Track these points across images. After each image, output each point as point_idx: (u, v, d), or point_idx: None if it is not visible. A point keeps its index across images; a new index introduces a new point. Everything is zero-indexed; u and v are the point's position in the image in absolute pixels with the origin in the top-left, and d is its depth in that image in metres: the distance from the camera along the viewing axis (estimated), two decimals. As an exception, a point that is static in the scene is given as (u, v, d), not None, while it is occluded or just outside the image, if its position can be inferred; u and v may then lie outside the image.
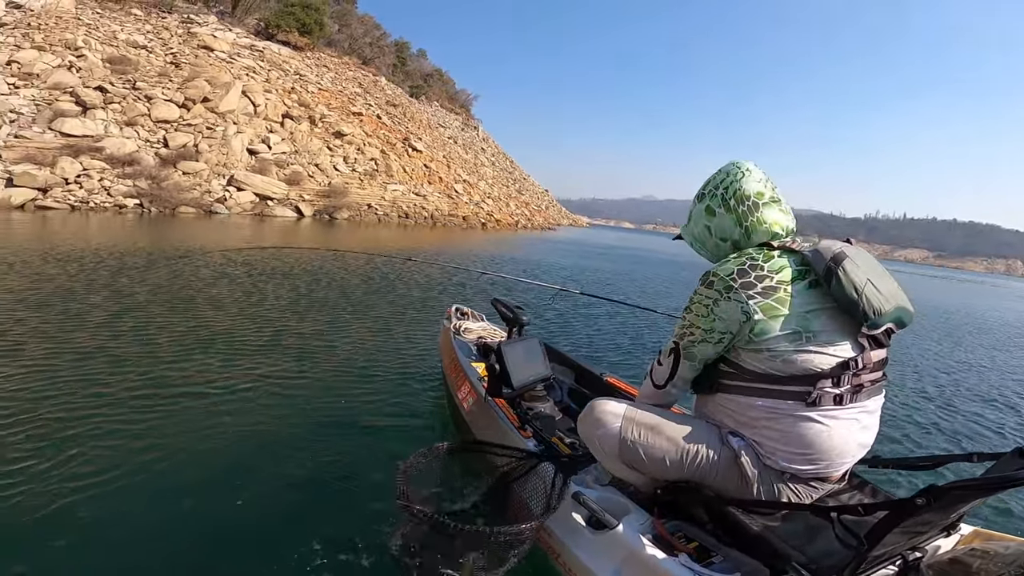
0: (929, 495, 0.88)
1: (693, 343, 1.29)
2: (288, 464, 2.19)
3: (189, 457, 2.16)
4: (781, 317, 1.16)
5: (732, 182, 1.33)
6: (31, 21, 16.94)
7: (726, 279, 1.21)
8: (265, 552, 1.67)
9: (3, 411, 2.36)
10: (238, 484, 1.98)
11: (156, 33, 20.71)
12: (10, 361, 2.90)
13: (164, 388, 2.79)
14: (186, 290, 4.96)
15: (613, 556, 1.31)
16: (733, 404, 1.28)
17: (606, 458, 1.43)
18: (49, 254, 6.16)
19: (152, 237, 9.01)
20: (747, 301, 1.18)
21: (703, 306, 1.25)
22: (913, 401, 4.57)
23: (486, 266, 10.26)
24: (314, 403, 2.80)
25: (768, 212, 1.31)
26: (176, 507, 1.84)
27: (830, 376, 1.16)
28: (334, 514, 1.84)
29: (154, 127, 15.35)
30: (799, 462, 1.21)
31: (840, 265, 1.16)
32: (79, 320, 3.63)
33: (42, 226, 9.38)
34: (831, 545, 1.05)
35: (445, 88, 47.57)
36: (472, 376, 2.30)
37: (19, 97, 13.20)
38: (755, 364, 1.21)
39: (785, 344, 1.17)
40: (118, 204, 12.58)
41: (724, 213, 1.33)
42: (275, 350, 3.64)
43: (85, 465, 2.02)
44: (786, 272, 1.20)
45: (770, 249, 1.25)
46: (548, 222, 38.38)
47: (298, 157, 19.35)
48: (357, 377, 3.29)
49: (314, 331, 4.23)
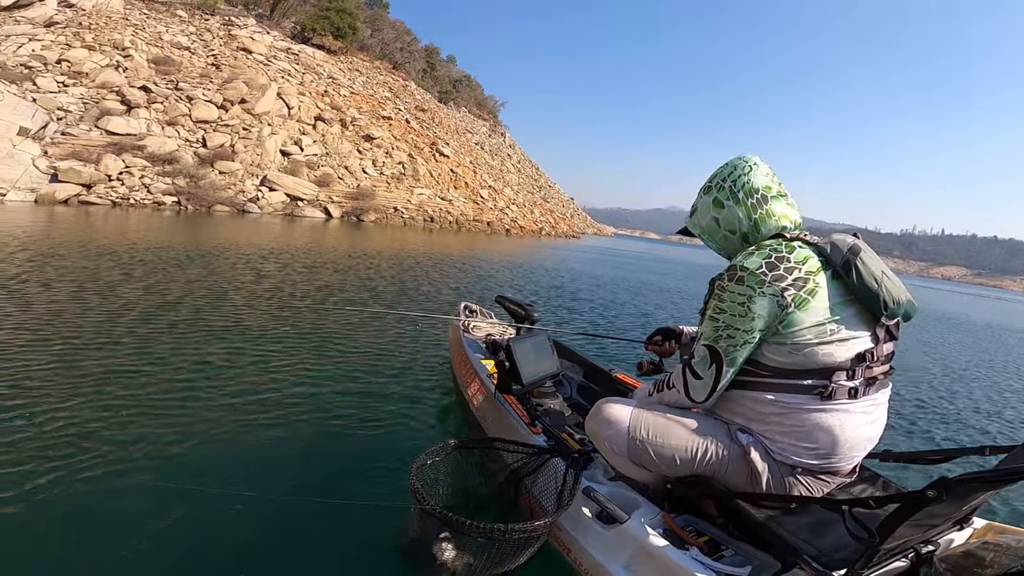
0: (941, 487, 0.87)
1: (735, 346, 1.22)
2: (299, 460, 2.17)
3: (199, 450, 2.14)
4: (810, 309, 1.16)
5: (740, 175, 1.33)
6: (82, 20, 17.62)
7: (757, 274, 1.18)
8: (274, 549, 1.64)
9: (33, 398, 2.43)
10: (245, 479, 1.98)
11: (199, 35, 21.33)
12: (43, 350, 2.97)
13: (177, 379, 2.81)
14: (207, 285, 5.03)
15: (623, 550, 1.31)
16: (744, 400, 1.27)
17: (615, 458, 1.42)
18: (95, 248, 6.33)
19: (209, 235, 9.22)
20: (781, 294, 1.16)
21: (739, 305, 1.20)
22: (925, 396, 4.75)
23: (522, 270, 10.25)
24: (325, 401, 2.79)
25: (776, 205, 1.30)
26: (180, 499, 1.82)
27: (846, 369, 1.17)
28: (345, 511, 1.82)
29: (194, 127, 15.78)
30: (810, 456, 1.21)
31: (858, 256, 1.18)
32: (109, 312, 3.71)
33: (85, 221, 9.69)
34: (842, 538, 1.05)
35: (473, 94, 47.94)
36: (481, 373, 2.32)
37: (68, 95, 13.70)
38: (775, 358, 1.21)
39: (809, 336, 1.16)
40: (157, 201, 12.94)
41: (733, 205, 1.32)
42: (288, 345, 3.66)
43: (93, 452, 2.04)
44: (812, 263, 1.19)
45: (788, 240, 1.25)
46: (572, 230, 38.25)
47: (328, 159, 19.67)
48: (368, 374, 3.30)
49: (329, 329, 4.26)
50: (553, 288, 9.00)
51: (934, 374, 6.22)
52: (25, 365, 2.72)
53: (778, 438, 1.23)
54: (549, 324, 5.63)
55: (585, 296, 8.72)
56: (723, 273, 1.26)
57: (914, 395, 4.86)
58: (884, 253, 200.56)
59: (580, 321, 6.37)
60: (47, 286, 4.33)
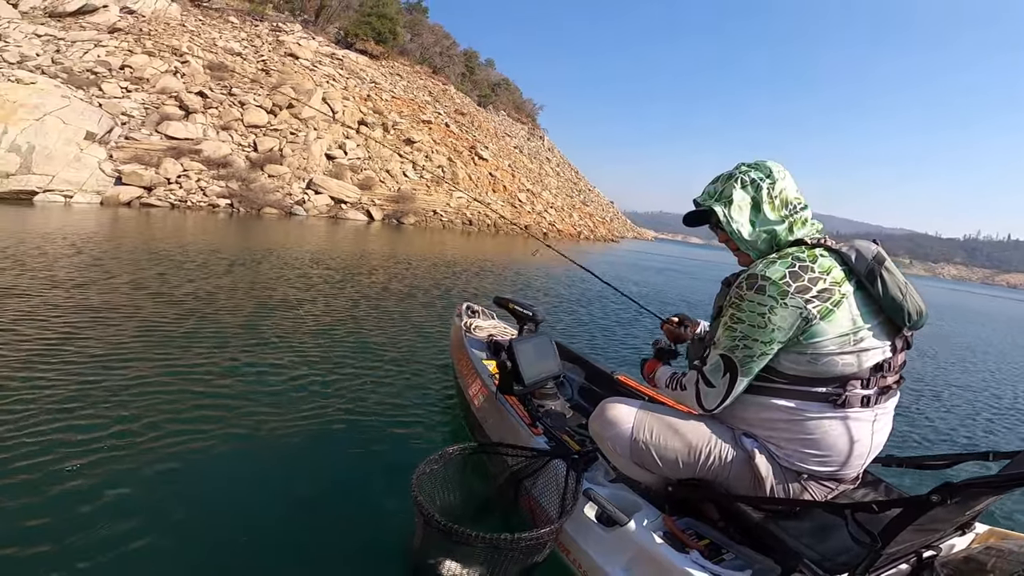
0: (944, 492, 0.87)
1: (751, 357, 1.19)
2: (299, 465, 2.14)
3: (200, 453, 2.12)
4: (835, 320, 1.13)
5: (777, 181, 1.29)
6: (142, 27, 18.37)
7: (779, 284, 1.15)
8: (273, 560, 1.60)
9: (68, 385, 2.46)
10: (245, 485, 1.94)
11: (249, 40, 21.97)
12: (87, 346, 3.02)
13: (168, 383, 2.76)
14: (233, 288, 5.04)
15: (624, 553, 1.30)
16: (752, 405, 1.25)
17: (618, 459, 1.42)
18: (161, 248, 6.48)
19: (259, 237, 9.41)
20: (805, 306, 1.13)
21: (758, 315, 1.16)
22: (930, 402, 4.74)
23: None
24: (327, 402, 2.76)
25: (806, 213, 1.29)
26: (180, 499, 1.80)
27: (863, 378, 1.15)
28: (347, 521, 1.79)
29: (246, 131, 16.21)
30: (817, 463, 1.20)
31: (883, 266, 1.15)
32: (163, 310, 3.73)
33: (147, 222, 10.01)
34: (844, 542, 1.05)
35: (512, 97, 48.01)
36: (483, 373, 2.32)
37: (131, 100, 14.25)
38: (793, 367, 1.18)
39: (832, 347, 1.14)
40: (212, 204, 13.32)
41: (770, 212, 1.28)
42: (287, 345, 3.65)
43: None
44: (836, 273, 1.16)
45: (810, 247, 1.22)
46: (611, 234, 37.78)
47: (371, 163, 19.94)
48: (371, 375, 3.27)
49: (332, 330, 4.22)
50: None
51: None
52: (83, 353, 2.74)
53: (784, 444, 1.21)
54: (550, 325, 5.71)
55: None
56: (741, 280, 1.22)
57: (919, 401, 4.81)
58: (946, 260, 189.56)
59: (582, 322, 6.25)
60: (111, 281, 4.41)
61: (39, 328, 3.24)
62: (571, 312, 6.69)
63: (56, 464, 1.89)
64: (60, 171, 11.45)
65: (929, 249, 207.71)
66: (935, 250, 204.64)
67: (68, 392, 2.45)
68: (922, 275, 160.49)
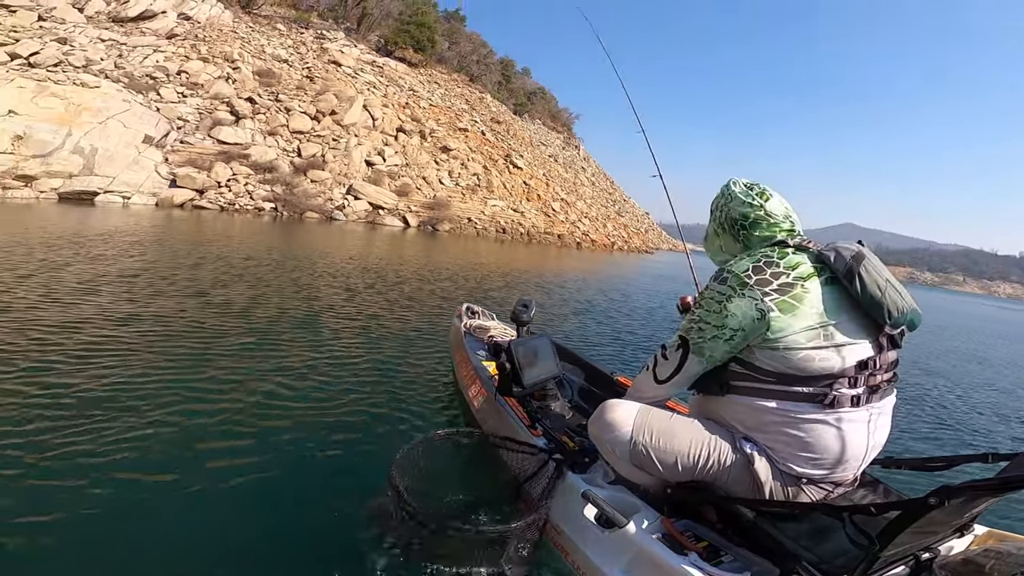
0: (942, 495, 0.87)
1: (703, 339, 1.26)
2: (292, 463, 2.14)
3: (199, 449, 2.12)
4: (799, 313, 1.16)
5: (726, 204, 1.41)
6: (197, 33, 19.08)
7: (740, 276, 1.22)
8: (259, 554, 1.60)
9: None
10: (233, 482, 1.93)
11: (295, 48, 22.60)
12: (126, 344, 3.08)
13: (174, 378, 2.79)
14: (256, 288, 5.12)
15: (622, 554, 1.31)
16: (745, 407, 1.26)
17: (617, 461, 1.43)
18: (232, 251, 6.67)
19: (301, 240, 9.63)
20: (762, 298, 1.17)
21: (715, 302, 1.24)
22: (929, 403, 4.79)
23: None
24: (321, 405, 2.74)
25: (756, 229, 1.35)
26: (179, 496, 1.81)
27: (847, 376, 1.16)
28: (336, 515, 1.80)
29: (291, 137, 16.65)
30: (814, 466, 1.21)
31: (861, 264, 1.17)
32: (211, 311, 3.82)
33: (198, 223, 10.35)
34: (842, 545, 1.05)
35: (548, 106, 48.05)
36: (482, 374, 2.32)
37: (186, 105, 14.80)
38: (771, 363, 1.20)
39: (803, 341, 1.15)
40: (258, 207, 13.70)
41: (719, 235, 1.44)
42: (290, 343, 3.67)
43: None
44: (803, 268, 1.21)
45: (784, 247, 1.28)
46: (646, 245, 37.31)
47: (408, 169, 20.22)
48: (371, 376, 3.25)
49: (337, 330, 4.24)
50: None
51: None
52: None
53: (781, 448, 1.22)
54: (551, 326, 5.71)
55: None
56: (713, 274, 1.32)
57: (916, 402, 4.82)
58: (1001, 277, 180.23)
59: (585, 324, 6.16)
60: (165, 279, 4.55)
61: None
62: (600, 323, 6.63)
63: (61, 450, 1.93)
64: (120, 173, 11.96)
65: (984, 266, 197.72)
66: (990, 267, 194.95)
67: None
68: (976, 293, 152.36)
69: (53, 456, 1.91)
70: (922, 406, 4.79)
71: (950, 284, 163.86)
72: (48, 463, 1.86)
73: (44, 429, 2.07)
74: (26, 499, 1.67)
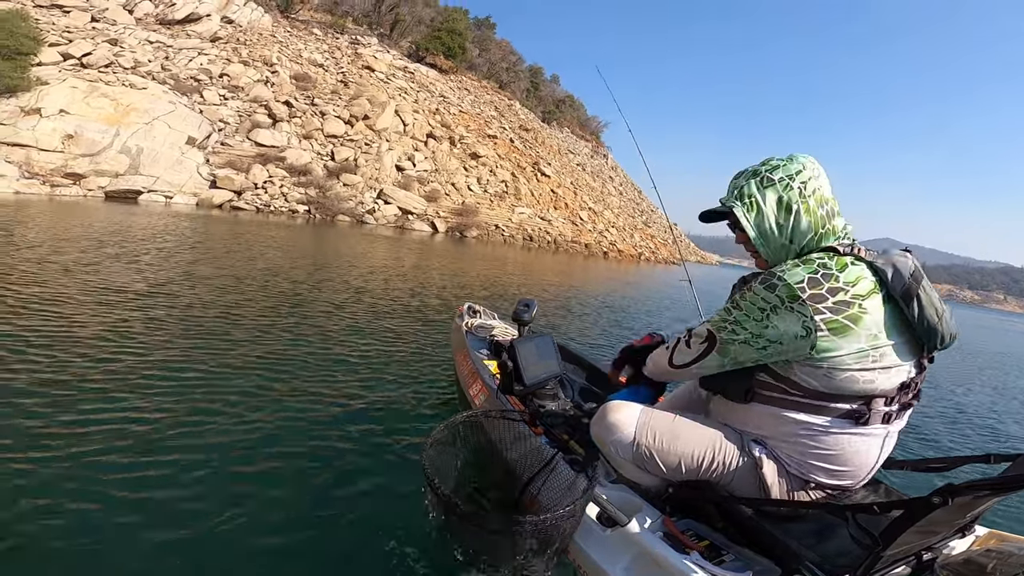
0: (945, 494, 0.87)
1: (734, 340, 1.18)
2: (299, 463, 2.13)
3: (207, 448, 2.10)
4: (851, 335, 1.06)
5: (810, 179, 1.19)
6: (239, 36, 19.59)
7: (793, 287, 1.08)
8: (293, 546, 1.61)
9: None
10: (254, 479, 1.94)
11: (330, 52, 23.04)
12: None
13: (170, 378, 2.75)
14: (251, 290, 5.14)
15: (624, 553, 1.31)
16: (769, 416, 1.21)
17: (620, 462, 1.41)
18: (273, 251, 6.76)
19: (332, 243, 9.72)
20: (812, 316, 1.06)
21: (757, 308, 1.13)
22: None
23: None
24: (325, 400, 2.78)
25: (840, 221, 1.22)
26: (190, 499, 1.77)
27: (888, 396, 1.11)
28: (353, 510, 1.83)
29: (325, 141, 16.94)
30: (827, 475, 1.18)
31: (920, 285, 1.09)
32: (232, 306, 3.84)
33: (235, 223, 10.55)
34: (844, 544, 1.05)
35: (576, 114, 48.10)
36: (484, 373, 2.33)
37: (227, 108, 15.17)
38: (810, 381, 1.12)
39: (850, 363, 1.08)
40: (292, 209, 13.94)
41: (802, 213, 1.18)
42: (290, 343, 3.66)
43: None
44: (863, 285, 1.09)
45: (838, 254, 1.14)
46: (673, 256, 37.09)
47: (437, 175, 20.39)
48: (371, 376, 3.25)
49: (338, 331, 4.21)
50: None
51: None
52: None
53: (796, 455, 1.19)
54: (552, 326, 5.72)
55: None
56: (759, 278, 1.18)
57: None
58: None
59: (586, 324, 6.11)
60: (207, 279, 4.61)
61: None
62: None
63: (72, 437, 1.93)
64: (163, 173, 12.29)
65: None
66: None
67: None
68: (1017, 311, 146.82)
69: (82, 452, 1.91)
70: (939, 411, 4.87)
71: (990, 302, 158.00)
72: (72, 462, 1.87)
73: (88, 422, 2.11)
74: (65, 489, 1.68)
